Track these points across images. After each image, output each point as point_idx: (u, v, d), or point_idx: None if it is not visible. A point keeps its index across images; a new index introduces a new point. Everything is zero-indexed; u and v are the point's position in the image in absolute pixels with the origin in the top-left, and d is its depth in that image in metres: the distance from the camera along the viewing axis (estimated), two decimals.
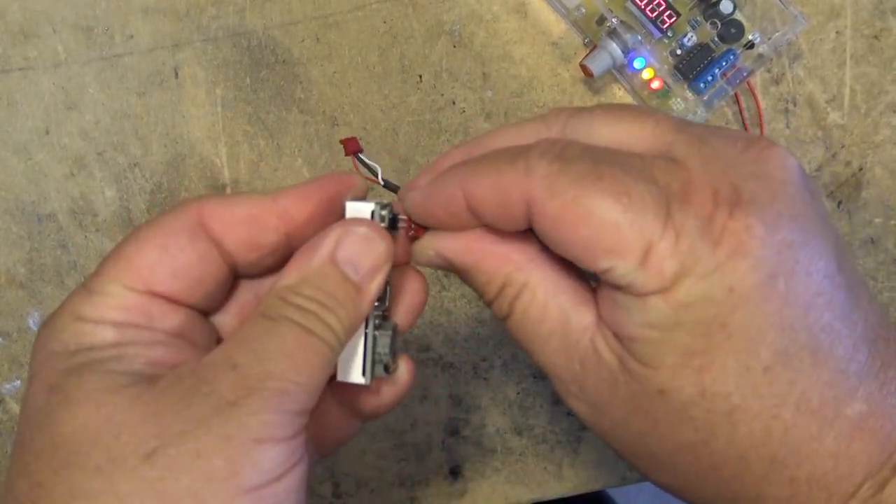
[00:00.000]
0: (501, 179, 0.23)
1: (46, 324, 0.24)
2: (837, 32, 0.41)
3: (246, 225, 0.24)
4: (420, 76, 0.41)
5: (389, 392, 0.27)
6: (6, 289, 0.41)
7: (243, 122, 0.41)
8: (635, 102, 0.41)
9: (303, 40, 0.41)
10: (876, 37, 0.41)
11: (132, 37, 0.40)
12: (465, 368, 0.43)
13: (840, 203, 0.43)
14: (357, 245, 0.24)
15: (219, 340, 0.25)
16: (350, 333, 0.24)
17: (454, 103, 0.41)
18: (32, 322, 0.42)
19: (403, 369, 0.27)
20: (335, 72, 0.41)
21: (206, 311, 0.25)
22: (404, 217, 0.26)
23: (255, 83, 0.41)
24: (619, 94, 0.41)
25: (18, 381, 0.42)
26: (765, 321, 0.22)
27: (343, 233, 0.24)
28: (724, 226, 0.22)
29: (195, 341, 0.25)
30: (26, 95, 0.40)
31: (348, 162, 0.42)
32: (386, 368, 0.26)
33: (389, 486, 0.44)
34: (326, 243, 0.23)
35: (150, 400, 0.21)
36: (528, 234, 0.24)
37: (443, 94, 0.41)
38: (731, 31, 0.39)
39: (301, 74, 0.41)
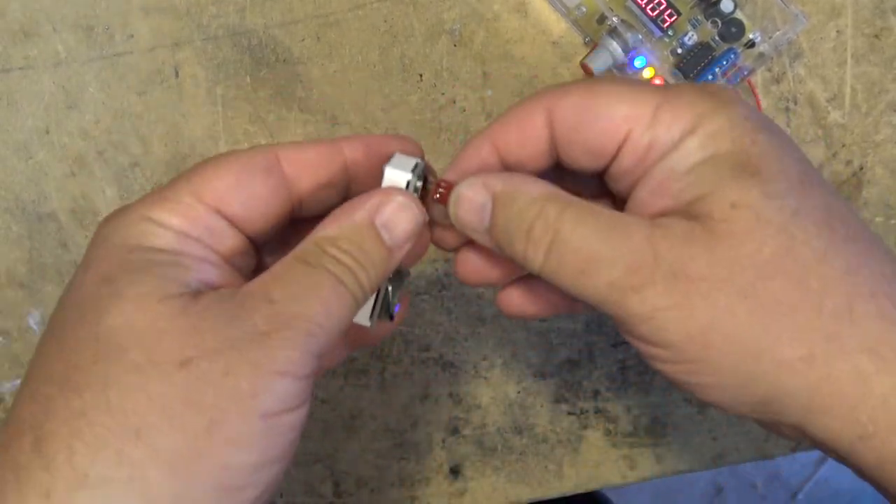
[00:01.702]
0: (520, 110, 0.27)
1: (112, 217, 0.25)
2: (838, 31, 0.41)
3: (315, 167, 0.27)
4: (420, 75, 0.41)
5: (383, 328, 0.30)
6: (6, 288, 0.41)
7: (244, 121, 0.41)
8: None
9: (303, 39, 0.41)
10: (877, 36, 0.41)
11: (132, 36, 0.40)
12: (466, 368, 0.43)
13: None
14: (396, 212, 0.26)
15: (258, 272, 0.26)
16: (374, 290, 0.26)
17: (455, 102, 0.41)
18: (33, 321, 0.42)
19: (401, 311, 0.29)
20: (336, 71, 0.41)
21: (258, 243, 0.27)
22: (433, 181, 0.28)
23: (256, 82, 0.41)
24: None
25: (19, 381, 0.42)
26: (780, 143, 0.25)
27: (384, 198, 0.26)
28: (713, 89, 0.26)
29: (241, 268, 0.27)
30: (26, 95, 0.40)
31: None
32: (391, 316, 0.28)
33: (390, 485, 0.44)
34: (368, 205, 0.26)
35: (192, 314, 0.23)
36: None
37: (443, 94, 0.41)
38: (731, 30, 0.39)
39: (301, 73, 0.41)
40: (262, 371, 0.22)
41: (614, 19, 0.39)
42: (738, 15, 0.39)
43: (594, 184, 0.29)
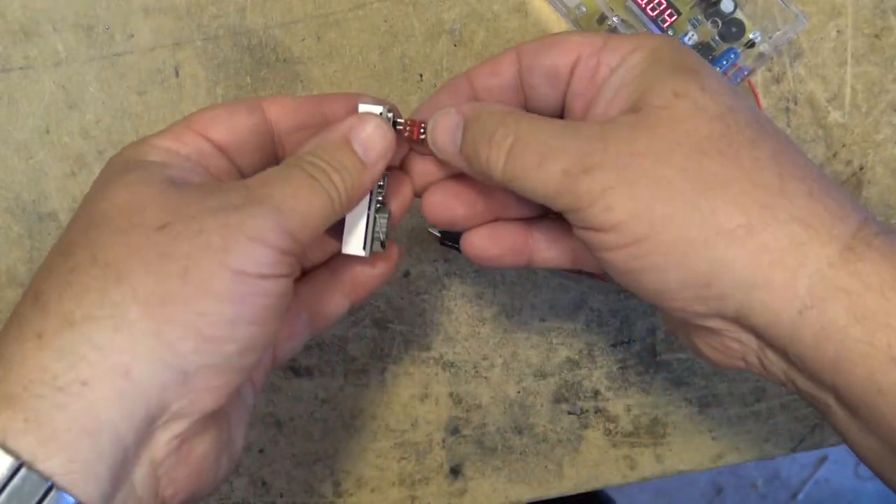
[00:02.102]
0: (495, 56, 0.32)
1: (121, 151, 0.29)
2: (838, 31, 0.41)
3: (294, 111, 0.30)
4: (421, 75, 0.41)
5: (380, 266, 0.32)
6: (6, 288, 0.41)
7: None
8: None
9: (303, 39, 0.41)
10: (877, 36, 0.41)
11: (133, 36, 0.40)
12: (466, 367, 0.43)
13: None
14: (369, 131, 0.29)
15: None
16: (351, 200, 0.28)
17: None
18: None
19: (393, 250, 0.33)
20: (336, 71, 0.41)
21: (245, 173, 0.30)
22: (402, 120, 0.31)
23: (256, 82, 0.41)
24: None
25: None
26: (707, 63, 0.30)
27: (358, 120, 0.29)
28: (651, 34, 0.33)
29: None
30: (27, 94, 0.40)
31: None
32: (382, 245, 0.31)
33: (390, 484, 0.44)
34: (344, 126, 0.29)
35: (173, 194, 0.26)
36: None
37: None
38: (731, 29, 0.39)
39: (302, 73, 0.41)
40: (233, 231, 0.25)
41: (614, 19, 0.39)
42: (739, 15, 0.39)
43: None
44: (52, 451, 0.22)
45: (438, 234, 0.41)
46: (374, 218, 0.31)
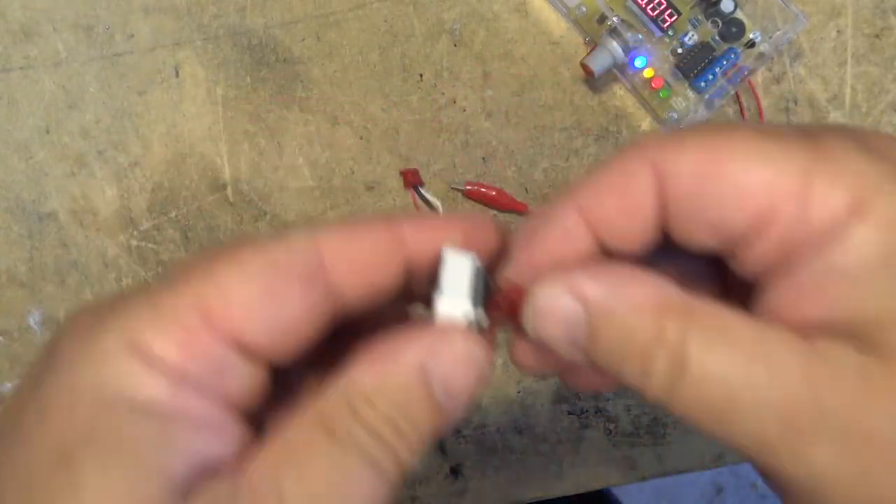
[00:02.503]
0: (618, 165, 0.20)
1: (84, 327, 0.18)
2: (838, 31, 0.41)
3: (369, 265, 0.20)
4: (421, 75, 0.41)
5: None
6: (7, 287, 0.41)
7: (244, 120, 0.41)
8: (636, 101, 0.41)
9: (303, 39, 0.41)
10: (877, 36, 0.41)
11: (133, 35, 0.40)
12: None
13: None
14: (454, 365, 0.19)
15: (282, 397, 0.20)
16: (416, 459, 0.19)
17: (455, 102, 0.41)
18: (33, 321, 0.42)
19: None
20: (336, 71, 0.41)
21: (280, 366, 0.20)
22: (495, 284, 0.21)
23: (256, 82, 0.41)
24: (620, 93, 0.41)
25: (19, 381, 0.42)
26: None
27: (439, 343, 0.19)
28: (877, 143, 0.18)
29: (252, 411, 0.20)
30: (27, 94, 0.40)
31: (348, 160, 0.42)
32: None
33: None
34: (417, 349, 0.19)
35: None
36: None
37: (444, 93, 0.41)
38: (731, 29, 0.39)
39: (302, 73, 0.41)
40: None
41: (614, 19, 0.39)
42: (739, 15, 0.39)
43: (702, 259, 0.22)
44: None
45: None
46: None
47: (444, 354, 0.19)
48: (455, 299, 0.20)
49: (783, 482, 0.18)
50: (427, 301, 0.20)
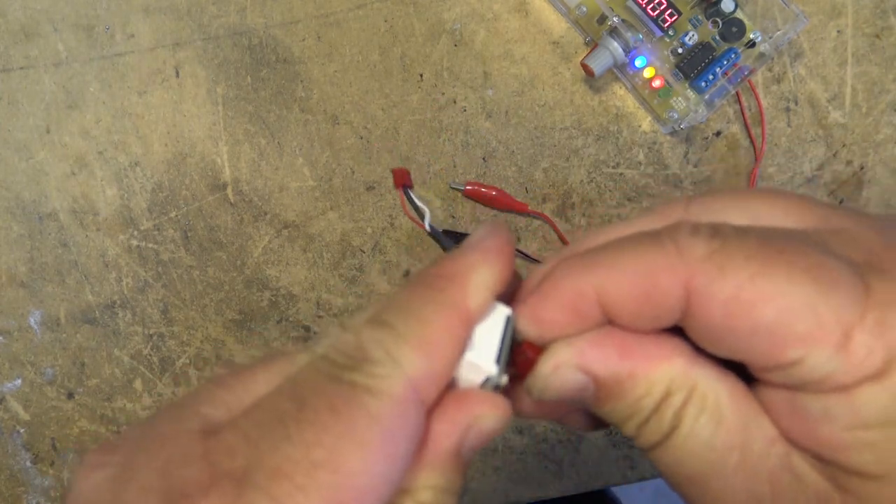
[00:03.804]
0: (646, 264, 0.19)
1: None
2: (839, 31, 0.41)
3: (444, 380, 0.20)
4: (421, 75, 0.41)
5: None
6: (7, 287, 0.41)
7: (244, 120, 0.41)
8: (636, 101, 0.41)
9: (304, 39, 0.41)
10: (877, 35, 0.41)
11: (133, 36, 0.40)
12: None
13: (841, 202, 0.43)
14: (482, 438, 0.20)
15: None
16: None
17: (455, 102, 0.41)
18: (33, 321, 0.42)
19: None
20: (336, 71, 0.41)
21: None
22: (516, 341, 0.21)
23: (256, 82, 0.41)
24: (620, 93, 0.41)
25: (20, 380, 0.42)
26: None
27: (473, 425, 0.20)
28: None
29: None
30: (27, 94, 0.40)
31: (349, 160, 0.42)
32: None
33: None
34: (455, 438, 0.20)
35: None
36: (672, 333, 0.20)
37: (444, 93, 0.41)
38: (732, 29, 0.39)
39: (302, 73, 0.41)
40: None
41: (615, 19, 0.39)
42: (739, 14, 0.39)
43: None
44: None
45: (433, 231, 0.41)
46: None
47: (475, 435, 0.20)
48: (482, 361, 0.20)
49: None
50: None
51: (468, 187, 0.41)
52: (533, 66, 0.41)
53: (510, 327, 0.20)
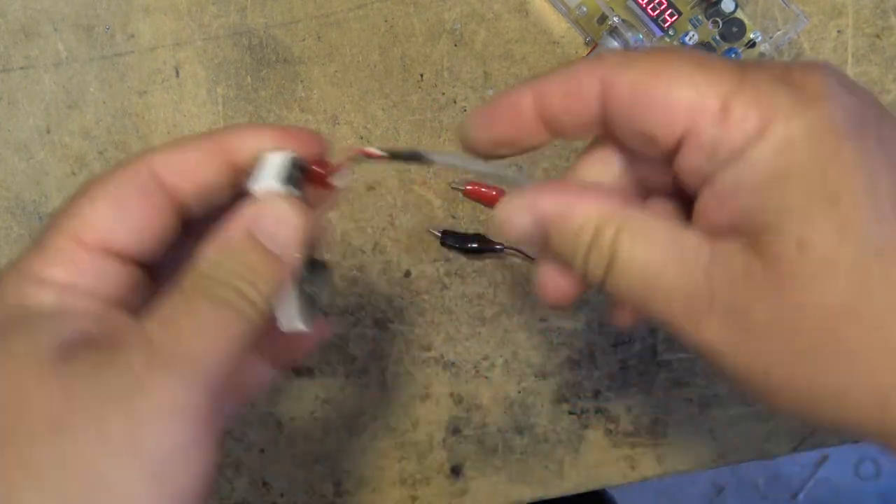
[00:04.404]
0: (573, 71, 0.24)
1: None
2: (839, 31, 0.41)
3: (196, 170, 0.25)
4: (421, 75, 0.41)
5: (305, 337, 0.27)
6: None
7: (244, 120, 0.41)
8: None
9: (304, 39, 0.41)
10: (877, 35, 0.41)
11: (133, 35, 0.40)
12: (467, 367, 0.43)
13: None
14: (274, 221, 0.24)
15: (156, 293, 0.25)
16: (271, 300, 0.24)
17: (455, 102, 0.41)
18: None
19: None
20: (336, 71, 0.41)
21: (152, 263, 0.25)
22: (316, 167, 0.26)
23: (257, 82, 0.41)
24: None
25: None
26: (873, 157, 0.21)
27: (257, 213, 0.24)
28: (801, 78, 0.22)
29: (134, 305, 0.24)
30: (27, 94, 0.40)
31: None
32: (322, 310, 0.26)
33: (391, 484, 0.44)
34: (242, 221, 0.23)
35: (65, 374, 0.21)
36: (609, 191, 0.25)
37: (444, 94, 0.41)
38: (732, 29, 0.39)
39: (302, 73, 0.41)
40: (141, 418, 0.20)
41: (615, 19, 0.39)
42: (739, 14, 0.39)
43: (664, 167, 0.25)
44: None
45: (439, 235, 0.41)
46: (310, 282, 0.26)
47: (262, 217, 0.23)
48: (263, 181, 0.24)
49: (692, 348, 0.23)
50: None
51: (468, 187, 0.41)
52: (533, 66, 0.41)
53: (297, 162, 0.25)
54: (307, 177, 0.25)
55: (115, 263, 0.24)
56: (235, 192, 0.25)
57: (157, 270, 0.26)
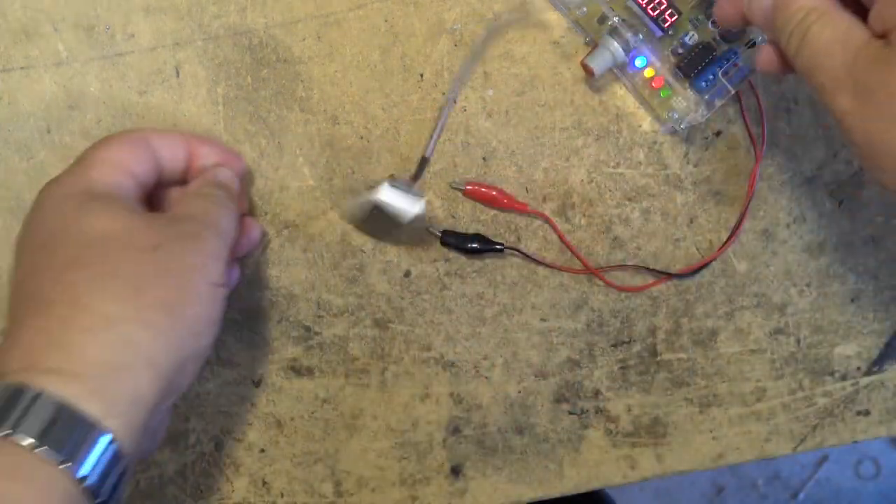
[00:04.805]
0: None
1: (56, 182, 0.35)
2: None
3: (172, 148, 0.38)
4: (421, 75, 0.41)
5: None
6: (7, 287, 0.41)
7: (244, 120, 0.41)
8: (636, 101, 0.41)
9: (304, 39, 0.41)
10: None
11: (133, 35, 0.40)
12: (467, 367, 0.43)
13: (841, 202, 0.43)
14: (225, 177, 0.38)
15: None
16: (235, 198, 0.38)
17: (455, 102, 0.41)
18: None
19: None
20: (336, 70, 0.41)
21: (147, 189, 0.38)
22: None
23: (257, 82, 0.41)
24: (621, 93, 0.41)
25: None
26: None
27: (214, 170, 0.38)
28: None
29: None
30: (28, 94, 0.40)
31: (349, 160, 0.42)
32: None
33: (391, 484, 0.44)
34: (210, 173, 0.38)
35: (149, 219, 0.34)
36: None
37: (444, 93, 0.41)
38: (732, 29, 0.39)
39: (302, 73, 0.41)
40: (203, 254, 0.34)
41: (615, 19, 0.39)
42: None
43: None
44: (113, 415, 0.29)
45: (439, 235, 0.41)
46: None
47: (221, 175, 0.38)
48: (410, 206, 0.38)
49: (831, 114, 0.31)
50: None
51: (468, 187, 0.41)
52: (533, 66, 0.41)
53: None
54: None
55: (133, 181, 0.36)
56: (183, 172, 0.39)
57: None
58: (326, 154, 0.41)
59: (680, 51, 0.39)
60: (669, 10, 0.39)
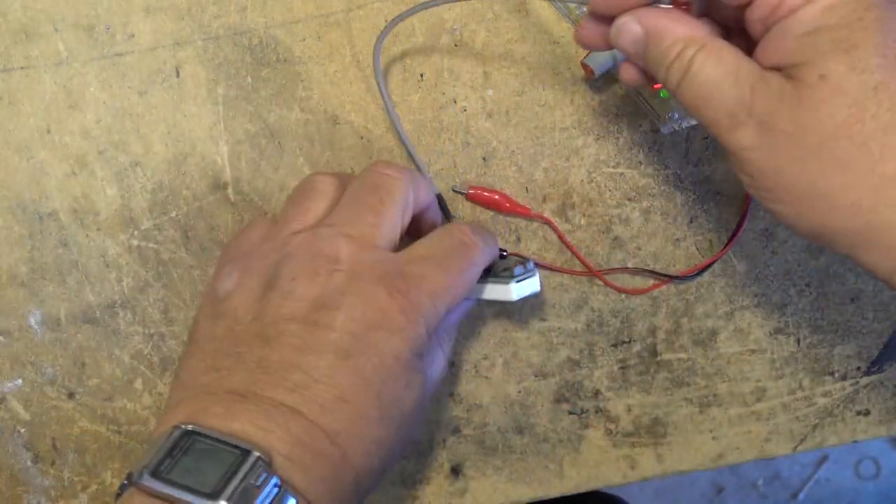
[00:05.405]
0: None
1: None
2: None
3: (421, 201, 0.38)
4: (421, 75, 0.41)
5: None
6: (7, 287, 0.41)
7: (244, 120, 0.41)
8: (636, 101, 0.41)
9: (304, 39, 0.41)
10: None
11: (133, 35, 0.40)
12: (467, 367, 0.43)
13: None
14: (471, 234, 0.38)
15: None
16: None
17: (455, 102, 0.41)
18: (34, 321, 0.42)
19: None
20: (336, 71, 0.41)
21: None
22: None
23: (257, 82, 0.41)
24: (621, 93, 0.41)
25: (20, 380, 0.42)
26: (890, 22, 0.28)
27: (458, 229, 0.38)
28: None
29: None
30: (28, 94, 0.40)
31: (349, 160, 0.42)
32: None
33: (391, 484, 0.44)
34: (455, 228, 0.38)
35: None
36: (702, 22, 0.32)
37: (444, 93, 0.41)
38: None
39: (302, 73, 0.41)
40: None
41: None
42: None
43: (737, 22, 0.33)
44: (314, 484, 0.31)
45: None
46: None
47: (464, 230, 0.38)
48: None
49: (725, 149, 0.31)
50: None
51: (471, 191, 0.41)
52: (533, 66, 0.41)
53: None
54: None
55: (398, 230, 0.37)
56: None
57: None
58: (326, 154, 0.41)
59: None
60: None
